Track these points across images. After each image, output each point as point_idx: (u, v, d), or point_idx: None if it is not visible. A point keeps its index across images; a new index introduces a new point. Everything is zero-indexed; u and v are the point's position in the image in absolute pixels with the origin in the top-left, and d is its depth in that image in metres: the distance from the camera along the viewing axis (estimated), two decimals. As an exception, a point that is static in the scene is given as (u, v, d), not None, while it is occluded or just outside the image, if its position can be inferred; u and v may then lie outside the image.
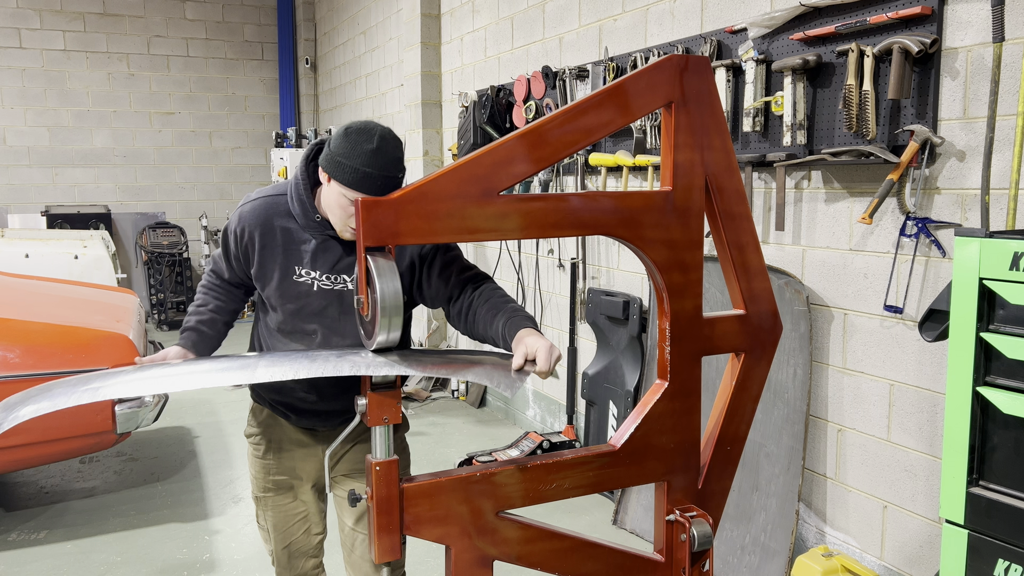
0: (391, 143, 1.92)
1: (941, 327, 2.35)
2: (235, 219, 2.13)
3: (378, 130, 1.91)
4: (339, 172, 1.91)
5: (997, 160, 2.44)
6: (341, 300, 2.10)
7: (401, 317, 1.62)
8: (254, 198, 2.14)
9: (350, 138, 1.90)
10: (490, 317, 1.97)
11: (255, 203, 2.13)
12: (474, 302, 2.05)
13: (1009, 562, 1.88)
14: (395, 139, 1.94)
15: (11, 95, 9.06)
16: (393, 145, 1.92)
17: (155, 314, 8.90)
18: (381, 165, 1.88)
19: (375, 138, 1.89)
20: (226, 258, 2.21)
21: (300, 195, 2.07)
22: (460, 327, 2.11)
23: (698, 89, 1.68)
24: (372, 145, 1.88)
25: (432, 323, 6.50)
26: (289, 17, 10.30)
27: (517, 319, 1.90)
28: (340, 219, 1.99)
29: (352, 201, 1.91)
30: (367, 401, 1.59)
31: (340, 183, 1.91)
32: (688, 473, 1.80)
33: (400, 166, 1.94)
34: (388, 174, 1.90)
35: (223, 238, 2.19)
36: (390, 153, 1.90)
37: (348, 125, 1.94)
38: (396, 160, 1.92)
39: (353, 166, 1.88)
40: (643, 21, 3.98)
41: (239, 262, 2.17)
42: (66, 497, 4.30)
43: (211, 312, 2.23)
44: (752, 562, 3.18)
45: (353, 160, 1.88)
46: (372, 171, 1.88)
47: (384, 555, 1.56)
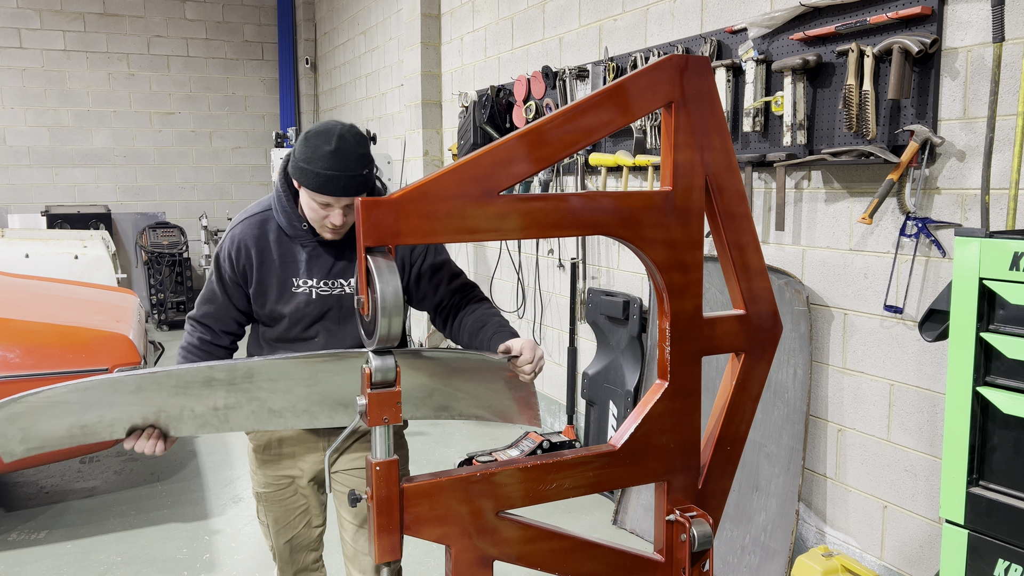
0: (351, 141, 1.93)
1: (941, 327, 2.35)
2: (227, 242, 2.13)
3: (337, 130, 1.92)
4: (304, 177, 1.94)
5: (997, 160, 2.44)
6: (340, 305, 2.12)
7: (401, 317, 1.62)
8: (241, 219, 2.16)
9: (310, 142, 1.92)
10: (475, 328, 2.08)
11: (245, 223, 2.14)
12: (461, 310, 2.15)
13: (1009, 562, 1.88)
14: (356, 136, 1.95)
15: (11, 95, 9.07)
16: (353, 143, 1.93)
17: (155, 314, 8.90)
18: (342, 165, 1.90)
19: (333, 139, 1.91)
20: (222, 287, 2.16)
21: (283, 206, 2.09)
22: (444, 331, 2.21)
23: (698, 89, 1.68)
24: (331, 147, 1.90)
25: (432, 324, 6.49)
26: (289, 17, 10.31)
27: (502, 333, 2.02)
28: (316, 221, 2.02)
29: (322, 205, 1.96)
30: (367, 401, 1.59)
31: (306, 188, 1.95)
32: (688, 473, 1.80)
33: (364, 162, 1.94)
34: (350, 173, 1.92)
35: (215, 268, 2.16)
36: (350, 152, 1.92)
37: (308, 130, 1.96)
38: (358, 157, 1.93)
39: (315, 170, 1.91)
40: (643, 21, 3.98)
41: (237, 286, 2.15)
42: (66, 497, 4.30)
43: None
44: (752, 562, 3.18)
45: (314, 164, 1.91)
46: (333, 172, 1.90)
47: (384, 555, 1.56)
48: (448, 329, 2.19)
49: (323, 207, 1.97)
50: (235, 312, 2.18)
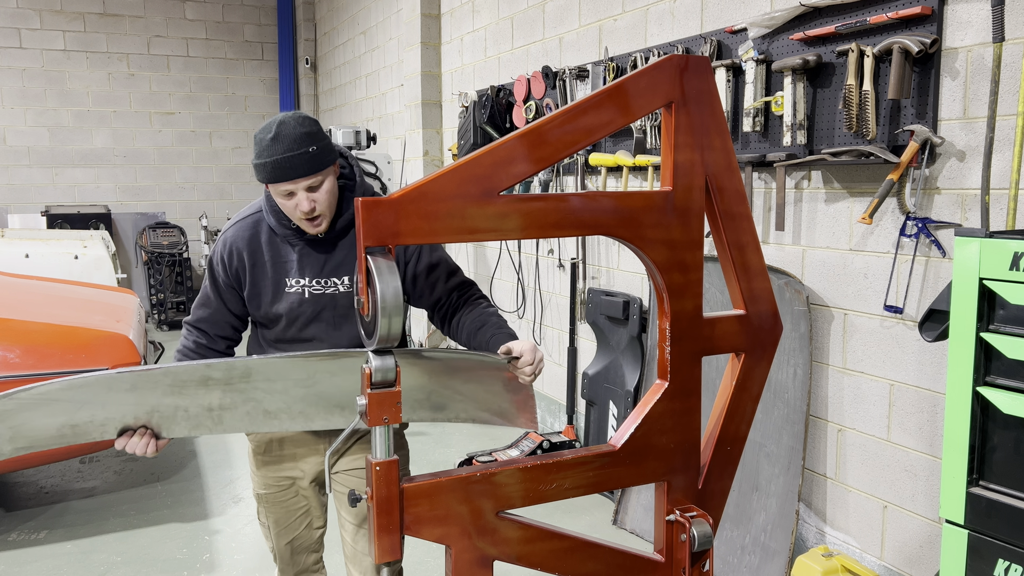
0: (290, 124, 1.95)
1: (941, 327, 2.35)
2: (220, 246, 2.15)
3: (278, 119, 1.96)
4: (259, 173, 1.98)
5: (997, 160, 2.44)
6: (335, 304, 2.12)
7: (401, 317, 1.62)
8: (233, 223, 2.18)
9: (256, 139, 1.97)
10: (474, 328, 2.09)
11: (236, 226, 2.16)
12: (460, 309, 2.16)
13: (1009, 562, 1.88)
14: (298, 119, 1.97)
15: (11, 95, 9.07)
16: (293, 124, 1.95)
17: (155, 314, 8.90)
18: (283, 148, 1.93)
19: (273, 127, 1.95)
20: (216, 291, 2.17)
21: (272, 206, 2.11)
22: (443, 330, 2.22)
23: (698, 89, 1.68)
24: (271, 134, 1.94)
25: (432, 324, 6.49)
26: (289, 17, 10.31)
27: (501, 334, 2.03)
28: (290, 215, 2.04)
29: (286, 194, 1.98)
30: (367, 401, 1.59)
31: (265, 183, 1.99)
32: (688, 473, 1.79)
33: (309, 140, 1.95)
34: (293, 151, 1.93)
35: (209, 273, 2.17)
36: (290, 133, 1.94)
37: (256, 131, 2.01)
38: (300, 136, 1.94)
39: (262, 162, 1.95)
40: (643, 21, 3.98)
41: (231, 290, 2.16)
42: (66, 497, 4.30)
43: None
44: (752, 562, 3.18)
45: (261, 156, 1.95)
46: (276, 157, 1.93)
47: (384, 555, 1.56)
48: (447, 327, 2.20)
49: (287, 197, 1.99)
50: (230, 316, 2.19)
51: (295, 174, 1.94)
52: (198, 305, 2.20)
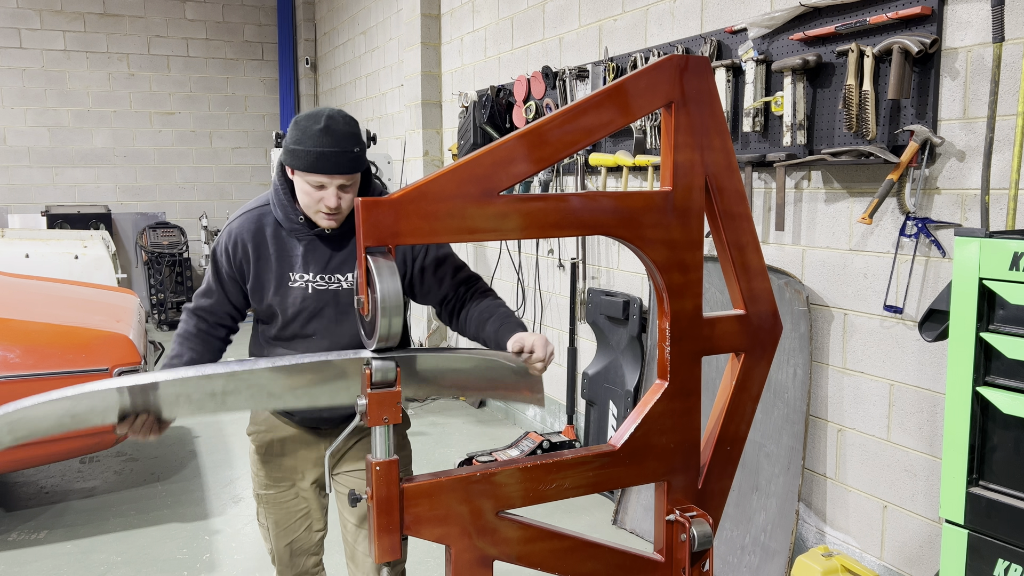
0: (340, 121, 1.96)
1: (941, 327, 2.35)
2: (225, 236, 2.14)
3: (326, 111, 1.96)
4: (295, 159, 1.96)
5: (997, 160, 2.44)
6: (337, 300, 2.11)
7: (401, 317, 1.62)
8: (239, 215, 2.17)
9: (299, 125, 1.96)
10: (482, 320, 2.06)
11: (242, 218, 2.15)
12: (467, 303, 2.13)
13: (1009, 562, 1.88)
14: (345, 117, 1.98)
15: (11, 95, 9.07)
16: (343, 122, 1.96)
17: (155, 314, 8.90)
18: (332, 141, 1.93)
19: (323, 119, 1.94)
20: (218, 281, 2.16)
21: (280, 200, 2.10)
22: (451, 325, 2.19)
23: (698, 89, 1.68)
24: (320, 125, 1.93)
25: (432, 323, 6.50)
26: (289, 17, 10.31)
27: (510, 325, 1.99)
28: (310, 207, 2.02)
29: (316, 186, 1.97)
30: (367, 401, 1.59)
31: (299, 170, 1.97)
32: (688, 473, 1.80)
33: (355, 141, 1.97)
34: (341, 148, 1.94)
35: (212, 262, 2.17)
36: (340, 129, 1.95)
37: (298, 115, 1.99)
38: (349, 135, 1.96)
39: (306, 149, 1.93)
40: (643, 21, 3.98)
41: (234, 281, 2.15)
42: (66, 497, 4.30)
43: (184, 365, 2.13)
44: (752, 562, 3.18)
45: (305, 144, 1.93)
46: (324, 149, 1.92)
47: (384, 555, 1.56)
48: (455, 322, 2.18)
49: (317, 189, 1.98)
50: (230, 307, 2.19)
51: (336, 170, 1.94)
52: (200, 294, 2.20)
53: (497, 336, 1.98)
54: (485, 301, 2.12)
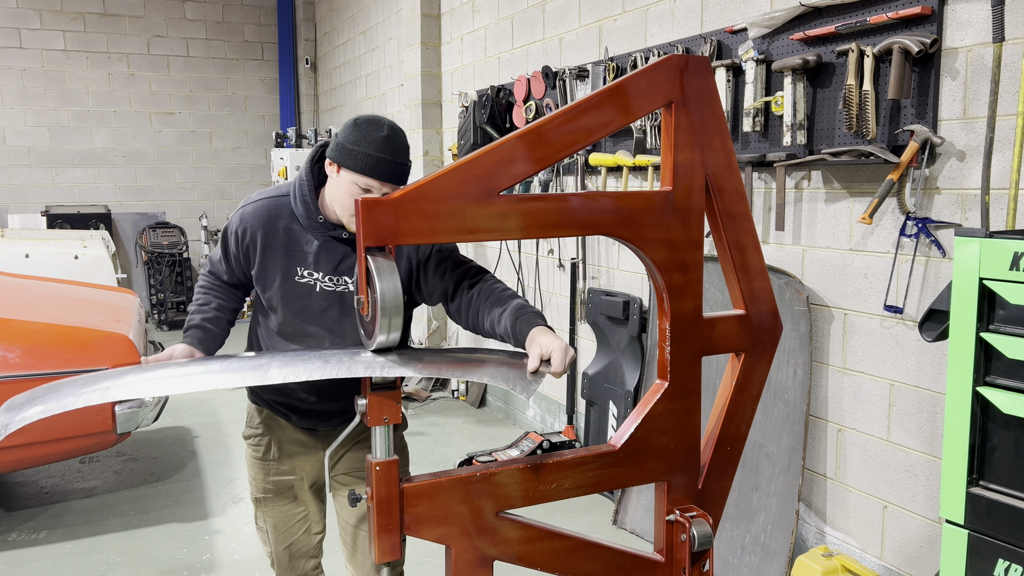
0: (400, 132, 1.99)
1: (941, 327, 2.35)
2: (236, 219, 2.12)
3: (387, 121, 1.97)
4: (350, 159, 1.93)
5: (997, 160, 2.44)
6: (342, 302, 2.09)
7: (401, 317, 1.61)
8: (256, 199, 2.14)
9: (360, 127, 1.95)
10: (496, 314, 1.93)
11: (257, 204, 2.12)
12: (475, 298, 2.01)
13: (1009, 562, 1.88)
14: (402, 130, 2.01)
15: (11, 95, 9.07)
16: (402, 135, 1.99)
17: (155, 314, 8.90)
18: (392, 151, 1.94)
19: (385, 127, 1.95)
20: (225, 259, 2.19)
21: (304, 195, 2.07)
22: (461, 323, 2.08)
23: (698, 89, 1.68)
24: (383, 133, 1.94)
25: (432, 323, 6.50)
26: (289, 17, 10.31)
27: (526, 316, 1.85)
28: (348, 208, 1.97)
29: (363, 189, 1.94)
30: (367, 401, 1.59)
31: (351, 170, 1.93)
32: (688, 473, 1.79)
33: (408, 155, 1.99)
34: (400, 160, 1.95)
35: (223, 239, 2.18)
36: (400, 141, 1.97)
37: (356, 117, 1.98)
38: (405, 148, 1.98)
39: (365, 152, 1.92)
40: (643, 21, 3.98)
41: (239, 263, 2.16)
42: (66, 497, 4.30)
43: (215, 310, 2.20)
44: (752, 562, 3.18)
45: (365, 147, 1.92)
46: (384, 156, 1.92)
47: (384, 555, 1.56)
48: (464, 318, 2.06)
49: (360, 191, 1.94)
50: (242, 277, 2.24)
51: (389, 179, 1.94)
52: (214, 260, 2.26)
53: (515, 331, 1.85)
54: (495, 293, 2.00)
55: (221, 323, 2.22)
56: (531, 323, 1.82)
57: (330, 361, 1.68)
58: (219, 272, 2.25)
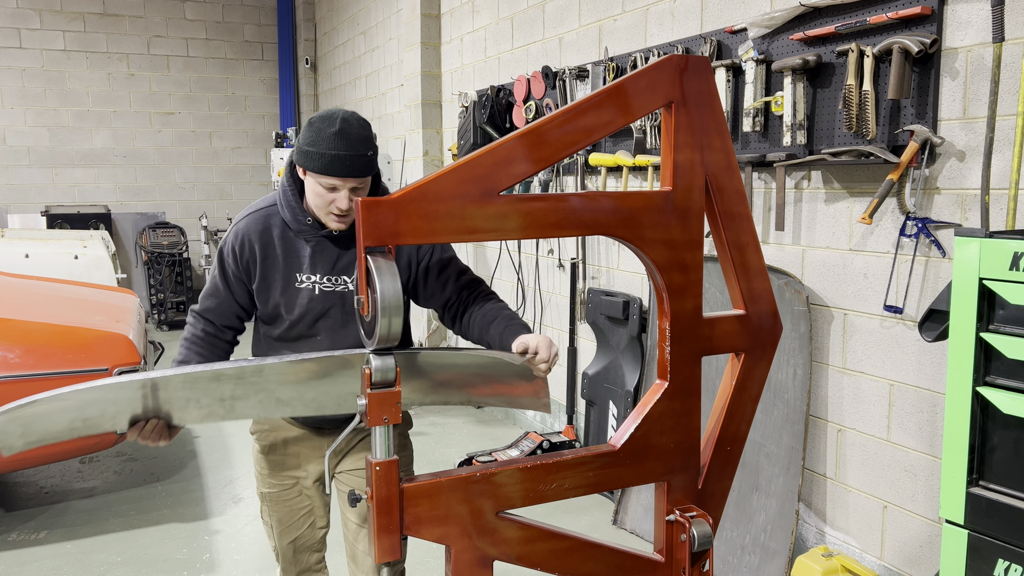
0: (354, 124, 1.97)
1: (941, 327, 2.35)
2: (231, 236, 2.14)
3: (340, 114, 1.96)
4: (309, 161, 1.96)
5: (997, 160, 2.44)
6: (343, 302, 2.11)
7: (401, 317, 1.62)
8: (245, 215, 2.16)
9: (314, 126, 1.96)
10: (486, 323, 2.06)
11: (248, 218, 2.14)
12: (469, 306, 2.13)
13: (1009, 562, 1.88)
14: (359, 120, 1.99)
15: (11, 95, 9.07)
16: (357, 125, 1.97)
17: (155, 314, 8.90)
18: (346, 145, 1.94)
19: (337, 121, 1.95)
20: (224, 282, 2.16)
21: (288, 201, 2.10)
22: (454, 329, 2.19)
23: (698, 89, 1.68)
24: (335, 128, 1.94)
25: (432, 323, 6.50)
26: (289, 17, 10.31)
27: (514, 327, 2.00)
28: (321, 208, 2.02)
29: (328, 188, 1.97)
30: (367, 401, 1.59)
31: (312, 171, 1.97)
32: (688, 473, 1.80)
33: (368, 144, 1.98)
34: (355, 152, 1.95)
35: (219, 262, 2.16)
36: (354, 133, 1.95)
37: (312, 116, 2.01)
38: (362, 139, 1.97)
39: (320, 151, 1.94)
40: (643, 21, 3.98)
41: (240, 282, 2.15)
42: (66, 497, 4.30)
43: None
44: (752, 562, 3.18)
45: (319, 146, 1.94)
46: (339, 152, 1.93)
47: (384, 555, 1.56)
48: (457, 326, 2.18)
49: (329, 191, 1.98)
50: (237, 308, 2.19)
51: (350, 173, 1.95)
52: (206, 295, 2.20)
53: (502, 339, 1.99)
54: (488, 304, 2.12)
55: None
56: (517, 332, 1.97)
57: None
58: (210, 311, 2.18)
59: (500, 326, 2.03)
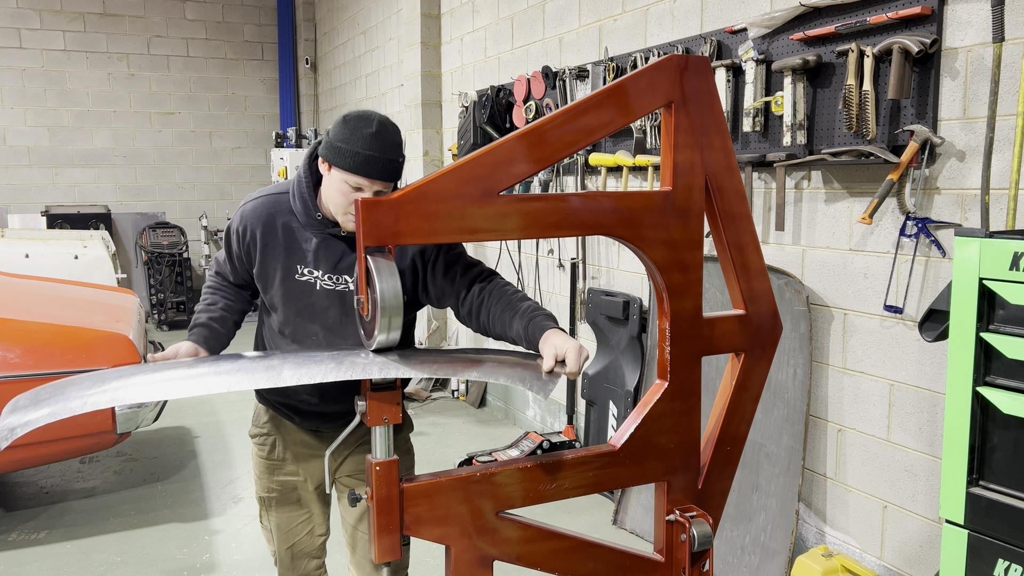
0: (390, 128, 1.94)
1: (941, 327, 2.35)
2: (237, 218, 2.13)
3: (377, 116, 1.93)
4: (339, 158, 1.91)
5: (997, 160, 2.44)
6: (343, 301, 2.09)
7: (401, 317, 1.61)
8: (255, 197, 2.14)
9: (349, 124, 1.91)
10: (508, 317, 1.92)
11: (256, 202, 2.12)
12: (486, 300, 2.00)
13: (1009, 562, 1.88)
14: (393, 125, 1.96)
15: (11, 95, 9.07)
16: (392, 130, 1.94)
17: (155, 314, 8.90)
18: (381, 148, 1.90)
19: (374, 123, 1.91)
20: (229, 258, 2.19)
21: (302, 192, 2.07)
22: (471, 325, 2.06)
23: (698, 89, 1.68)
24: (371, 129, 1.90)
25: (432, 323, 6.50)
26: (289, 17, 10.31)
27: (539, 319, 1.86)
28: (340, 206, 1.97)
29: (353, 188, 1.93)
30: (367, 402, 1.59)
31: (341, 168, 1.92)
32: (688, 473, 1.80)
33: (400, 151, 1.95)
34: (389, 156, 1.91)
35: (226, 238, 2.18)
36: (389, 137, 1.92)
37: (347, 114, 1.95)
38: (396, 144, 1.94)
39: (353, 150, 1.89)
40: (643, 21, 3.98)
41: (241, 262, 2.16)
42: (66, 497, 4.30)
43: (221, 310, 2.19)
44: (752, 562, 3.18)
45: (353, 144, 1.89)
46: (373, 153, 1.89)
47: (384, 555, 1.56)
48: (476, 323, 2.04)
49: (354, 190, 1.93)
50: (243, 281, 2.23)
51: (380, 176, 1.91)
52: (219, 263, 2.26)
53: (528, 334, 1.85)
54: (506, 296, 1.99)
55: (227, 323, 2.20)
56: (544, 326, 1.82)
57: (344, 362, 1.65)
58: (225, 273, 2.25)
59: (523, 321, 1.87)
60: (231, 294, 2.24)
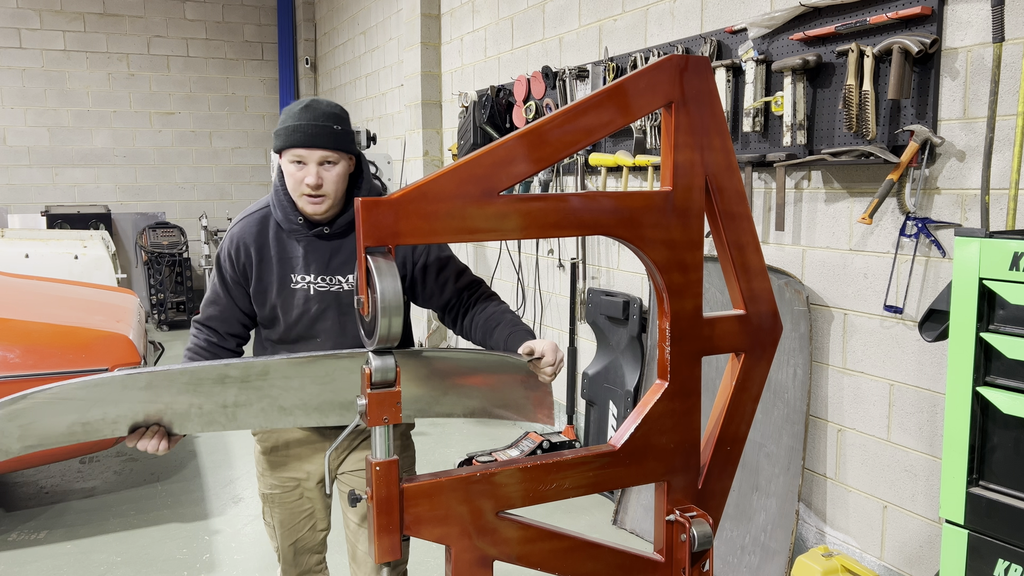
0: (323, 102, 2.01)
1: (941, 327, 2.35)
2: (227, 242, 2.14)
3: (312, 96, 2.01)
4: (277, 140, 2.00)
5: (997, 160, 2.44)
6: (339, 302, 2.11)
7: (401, 317, 1.61)
8: (239, 219, 2.18)
9: (284, 111, 2.02)
10: (489, 327, 2.06)
11: (243, 222, 2.16)
12: (471, 309, 2.13)
13: (1009, 562, 1.88)
14: (331, 102, 2.04)
15: (11, 95, 9.07)
16: (326, 103, 2.01)
17: (155, 314, 8.90)
18: (310, 116, 1.97)
19: (306, 100, 2.01)
20: (224, 288, 2.16)
21: (280, 199, 2.11)
22: (455, 330, 2.18)
23: (698, 89, 1.68)
24: (301, 105, 1.99)
25: (432, 323, 6.50)
26: (289, 17, 10.31)
27: (519, 332, 2.00)
28: (294, 190, 2.03)
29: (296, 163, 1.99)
30: (367, 401, 1.59)
31: (283, 149, 2.00)
32: (688, 473, 1.80)
33: (336, 119, 2.00)
34: (320, 123, 1.97)
35: (217, 269, 2.17)
36: (321, 108, 2.00)
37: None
38: (330, 113, 2.00)
39: (286, 126, 1.98)
40: (643, 21, 3.98)
41: (238, 286, 2.15)
42: (66, 497, 4.30)
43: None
44: (752, 562, 3.18)
45: (286, 122, 1.99)
46: (301, 123, 1.96)
47: (384, 555, 1.56)
48: (459, 327, 2.17)
49: (297, 167, 1.99)
50: (239, 314, 2.18)
51: (314, 143, 1.96)
52: (207, 303, 2.19)
53: (507, 343, 1.98)
54: (490, 306, 2.11)
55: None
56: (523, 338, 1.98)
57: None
58: (213, 319, 2.17)
59: (505, 331, 2.02)
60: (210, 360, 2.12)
